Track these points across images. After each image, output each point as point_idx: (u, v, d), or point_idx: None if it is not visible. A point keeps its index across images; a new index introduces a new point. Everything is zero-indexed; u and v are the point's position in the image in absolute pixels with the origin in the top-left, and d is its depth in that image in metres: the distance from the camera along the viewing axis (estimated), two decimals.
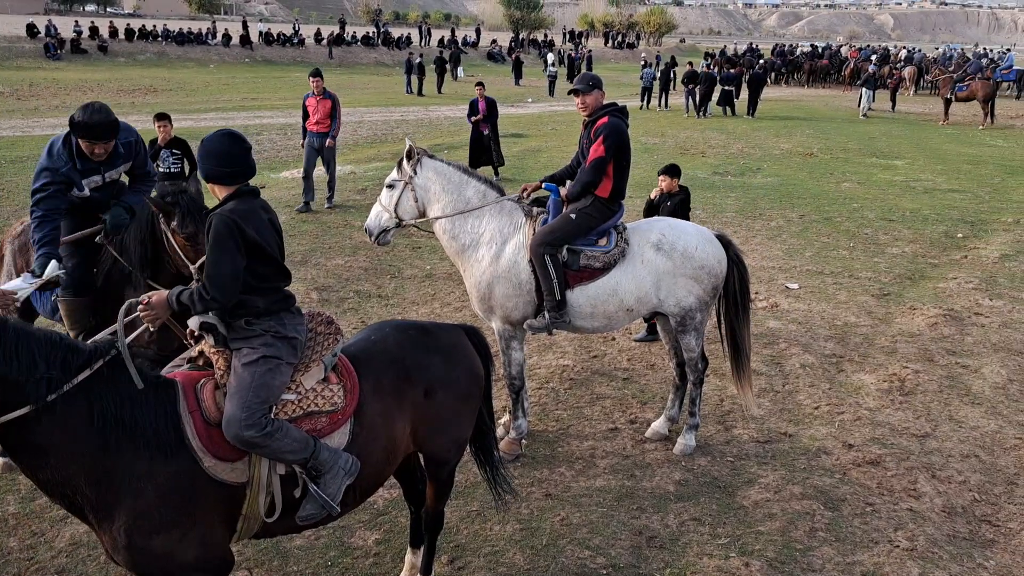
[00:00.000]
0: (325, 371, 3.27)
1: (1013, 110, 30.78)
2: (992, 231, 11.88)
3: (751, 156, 18.58)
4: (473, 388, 3.76)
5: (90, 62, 39.01)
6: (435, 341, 3.68)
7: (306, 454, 3.10)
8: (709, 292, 5.27)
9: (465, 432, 3.84)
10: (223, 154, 3.11)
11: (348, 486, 3.26)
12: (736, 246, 5.48)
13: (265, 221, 3.16)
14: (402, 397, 3.47)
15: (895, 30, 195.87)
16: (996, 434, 5.85)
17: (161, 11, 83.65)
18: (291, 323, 3.23)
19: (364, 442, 3.31)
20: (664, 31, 78.65)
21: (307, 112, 11.93)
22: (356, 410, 3.30)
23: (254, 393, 3.00)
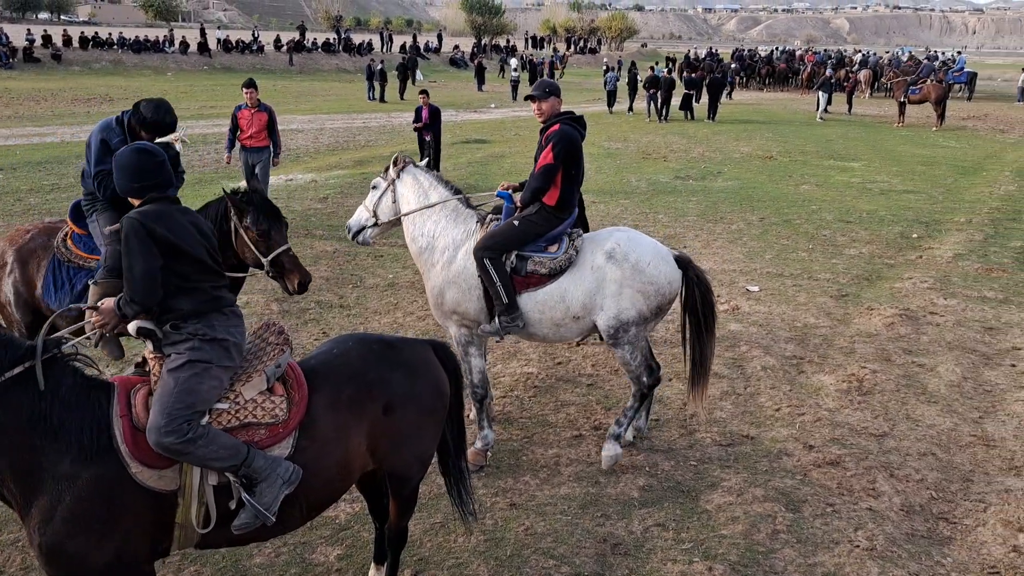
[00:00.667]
0: (268, 382, 3.24)
1: (965, 111, 31.51)
2: (946, 231, 12.14)
3: (712, 160, 18.78)
4: (437, 404, 3.70)
5: (43, 71, 38.23)
6: (399, 356, 3.61)
7: (236, 461, 3.04)
8: (652, 310, 5.14)
9: (428, 449, 3.78)
10: (134, 168, 3.18)
11: (295, 499, 3.22)
12: (697, 267, 5.34)
13: (183, 223, 3.17)
14: (360, 412, 3.41)
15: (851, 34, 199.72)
16: (952, 432, 5.96)
17: (117, 19, 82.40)
18: (222, 325, 3.19)
19: (314, 455, 3.26)
20: (625, 36, 79.35)
21: (237, 124, 11.08)
22: (304, 423, 3.26)
23: (176, 399, 2.96)
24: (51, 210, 12.11)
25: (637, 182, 15.69)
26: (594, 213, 12.71)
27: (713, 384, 6.68)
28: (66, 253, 5.16)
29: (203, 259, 3.20)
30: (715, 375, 6.82)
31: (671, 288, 5.17)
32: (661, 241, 5.50)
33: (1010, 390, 6.68)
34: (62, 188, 13.52)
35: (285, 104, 29.19)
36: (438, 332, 7.77)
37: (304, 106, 29.08)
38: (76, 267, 5.12)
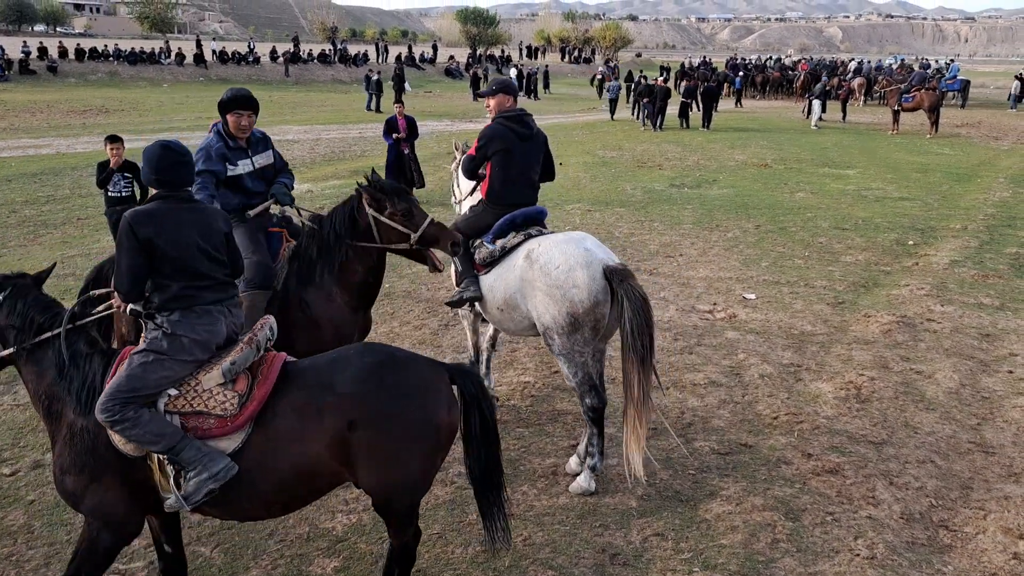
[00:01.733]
0: (224, 376, 3.40)
1: (958, 119, 31.64)
2: (942, 238, 12.16)
3: (707, 168, 18.81)
4: (426, 431, 3.47)
5: (39, 83, 38.25)
6: (394, 374, 3.45)
7: (162, 448, 3.28)
8: (564, 317, 4.90)
9: (411, 476, 3.53)
10: (153, 161, 3.51)
11: (244, 492, 3.38)
12: (632, 284, 4.84)
13: (177, 223, 3.43)
14: (322, 422, 3.36)
15: (844, 42, 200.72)
16: (951, 439, 5.95)
17: (113, 31, 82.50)
18: (187, 321, 3.42)
19: (264, 453, 3.36)
20: (620, 46, 79.57)
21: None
22: (260, 420, 3.38)
23: (123, 381, 3.29)
24: (46, 222, 12.09)
25: (632, 190, 15.70)
26: (590, 222, 12.73)
27: (711, 392, 6.67)
28: None
29: (182, 258, 3.42)
30: (712, 383, 6.82)
31: (582, 296, 4.85)
32: (657, 249, 5.46)
33: (1008, 396, 6.68)
34: (57, 200, 13.49)
35: (281, 115, 29.23)
36: (433, 341, 7.75)
37: (300, 117, 29.11)
38: None
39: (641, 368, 4.76)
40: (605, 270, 4.89)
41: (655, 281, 9.72)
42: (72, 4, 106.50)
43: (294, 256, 4.99)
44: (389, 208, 4.76)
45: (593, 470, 5.18)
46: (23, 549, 4.52)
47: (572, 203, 14.26)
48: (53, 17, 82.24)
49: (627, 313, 4.76)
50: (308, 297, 4.84)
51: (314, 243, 4.89)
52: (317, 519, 4.84)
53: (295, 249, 5.02)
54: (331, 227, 4.83)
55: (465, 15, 73.82)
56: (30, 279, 3.70)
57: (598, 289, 4.86)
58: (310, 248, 4.90)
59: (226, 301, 3.60)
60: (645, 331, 4.78)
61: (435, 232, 4.76)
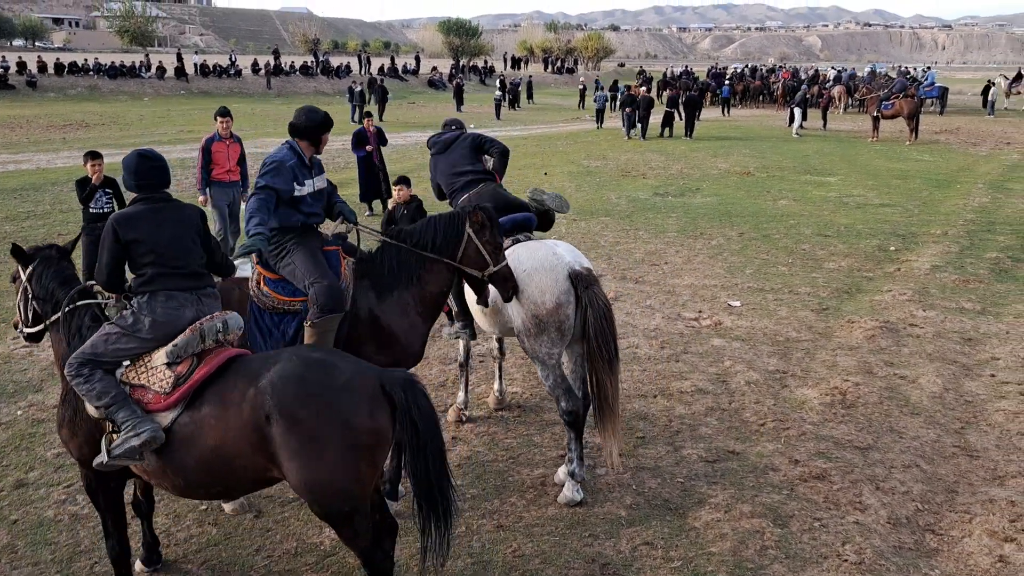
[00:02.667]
0: (167, 357, 3.71)
1: (937, 125, 31.99)
2: (922, 243, 12.27)
3: (690, 176, 18.92)
4: (339, 433, 3.45)
5: (18, 97, 37.96)
6: (316, 374, 3.52)
7: (102, 404, 3.67)
8: (531, 320, 5.03)
9: (330, 479, 3.48)
10: (132, 168, 3.92)
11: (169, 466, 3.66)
12: (596, 291, 4.99)
13: (159, 220, 3.84)
14: (242, 412, 3.51)
15: (823, 51, 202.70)
16: (935, 443, 5.99)
17: (92, 45, 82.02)
18: (151, 305, 3.79)
19: (190, 433, 3.61)
20: (602, 56, 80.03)
21: (210, 159, 9.98)
22: (191, 402, 3.65)
23: (88, 346, 3.76)
24: (27, 238, 11.97)
25: (617, 199, 15.76)
26: (575, 231, 12.76)
27: (698, 400, 6.69)
28: (265, 300, 4.78)
29: (159, 251, 3.81)
30: (699, 391, 6.84)
31: (545, 300, 4.97)
32: (642, 257, 5.49)
33: (990, 400, 6.74)
34: (38, 215, 13.38)
35: (264, 127, 29.13)
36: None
37: (282, 129, 28.85)
38: (281, 313, 4.78)
39: (609, 371, 4.95)
40: (570, 274, 5.01)
41: (641, 289, 9.75)
42: (51, 18, 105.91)
43: (364, 273, 4.90)
44: (488, 235, 4.79)
45: (573, 477, 5.17)
46: (7, 569, 4.46)
47: (557, 212, 14.26)
48: (32, 31, 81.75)
49: (590, 319, 4.93)
50: (382, 311, 4.80)
51: (393, 256, 4.86)
52: (305, 534, 4.81)
53: (362, 265, 4.93)
54: (426, 237, 4.82)
55: (447, 26, 74.10)
56: (55, 251, 4.17)
57: (560, 291, 4.97)
58: (386, 261, 4.86)
59: (197, 290, 3.93)
60: (608, 336, 4.96)
61: (507, 273, 4.83)
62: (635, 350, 7.81)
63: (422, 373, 7.20)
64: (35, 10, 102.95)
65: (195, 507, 5.04)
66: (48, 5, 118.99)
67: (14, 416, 6.33)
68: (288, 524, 4.92)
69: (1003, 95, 42.37)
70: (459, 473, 5.54)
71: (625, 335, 8.20)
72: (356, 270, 4.92)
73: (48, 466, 5.56)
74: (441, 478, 3.72)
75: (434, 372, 7.35)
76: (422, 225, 4.94)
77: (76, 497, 5.18)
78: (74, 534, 4.80)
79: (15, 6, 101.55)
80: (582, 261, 5.20)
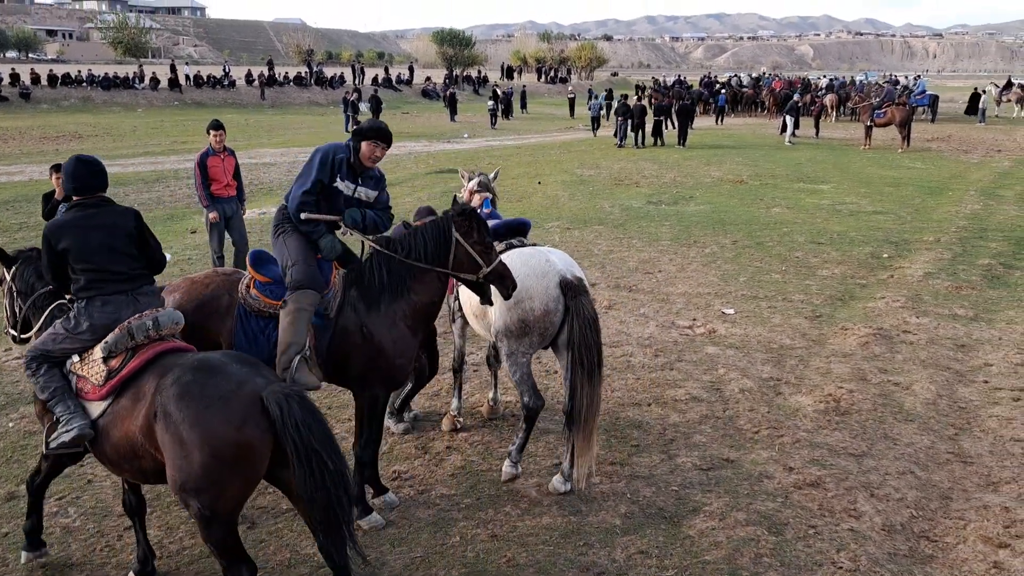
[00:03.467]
0: (102, 352, 3.94)
1: (929, 133, 32.17)
2: (915, 250, 12.32)
3: (684, 185, 18.97)
4: (203, 440, 3.49)
5: (11, 109, 37.91)
6: (198, 378, 3.63)
7: (45, 397, 3.99)
8: (516, 323, 5.14)
9: (194, 482, 3.52)
10: (70, 173, 4.13)
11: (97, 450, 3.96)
12: (585, 300, 5.08)
13: (90, 227, 4.02)
14: (143, 408, 3.74)
15: (815, 59, 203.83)
16: (929, 449, 5.99)
17: (86, 56, 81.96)
18: (88, 310, 4.03)
19: (111, 423, 3.89)
20: (595, 65, 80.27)
21: (207, 175, 9.58)
22: (116, 396, 3.89)
23: (39, 343, 4.11)
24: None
25: (611, 208, 15.79)
26: (569, 239, 12.78)
27: (692, 408, 6.69)
28: (253, 303, 4.84)
29: (90, 258, 4.01)
30: (693, 399, 6.84)
31: (533, 306, 5.08)
32: (636, 265, 5.50)
33: (984, 406, 6.75)
34: (30, 227, 13.33)
35: (257, 138, 29.18)
36: None
37: (276, 140, 29.06)
38: (267, 317, 4.82)
39: (589, 383, 5.02)
40: (561, 282, 5.09)
41: (634, 297, 9.75)
42: (45, 30, 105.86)
43: (352, 282, 4.89)
44: (475, 237, 4.78)
45: (510, 456, 5.52)
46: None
47: (551, 221, 14.31)
48: (25, 43, 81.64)
49: (576, 329, 5.02)
50: (370, 323, 4.78)
51: (382, 265, 4.84)
52: (298, 545, 4.79)
53: (353, 275, 4.92)
54: (416, 247, 4.82)
55: (441, 36, 74.22)
56: (36, 252, 4.44)
57: (550, 299, 5.09)
58: (375, 271, 4.84)
59: (133, 291, 4.12)
60: (593, 348, 5.04)
61: (503, 271, 4.80)
62: (629, 358, 7.81)
63: None
64: (29, 22, 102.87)
65: (186, 519, 5.01)
66: (42, 17, 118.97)
67: (5, 428, 6.29)
68: (282, 535, 4.90)
69: (993, 103, 42.69)
70: (453, 483, 5.53)
71: (619, 343, 8.20)
72: (346, 279, 4.91)
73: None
74: (336, 489, 3.70)
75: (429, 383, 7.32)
76: (409, 235, 4.91)
77: (68, 510, 5.15)
78: (65, 547, 4.77)
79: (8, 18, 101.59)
80: (574, 270, 5.24)
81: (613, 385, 7.18)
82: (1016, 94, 43.45)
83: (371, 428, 4.97)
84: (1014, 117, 41.38)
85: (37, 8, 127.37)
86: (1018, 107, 42.58)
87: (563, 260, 5.30)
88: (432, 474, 5.66)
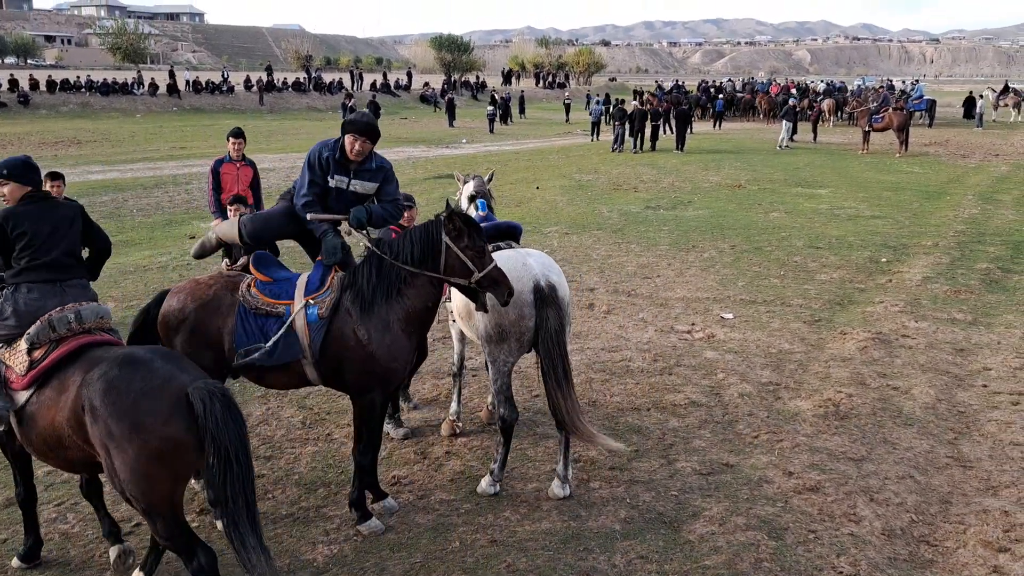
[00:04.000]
0: (26, 341, 4.05)
1: (926, 138, 32.23)
2: (914, 255, 12.33)
3: (682, 190, 18.99)
4: (128, 433, 3.57)
5: (9, 115, 37.90)
6: (124, 372, 3.72)
7: None
8: (494, 328, 5.21)
9: (128, 476, 3.61)
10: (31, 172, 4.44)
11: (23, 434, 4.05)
12: (551, 313, 5.09)
13: (39, 217, 4.25)
14: (69, 399, 3.83)
15: (812, 64, 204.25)
16: (929, 454, 5.99)
17: (84, 62, 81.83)
18: (15, 297, 4.18)
19: (35, 411, 3.98)
20: (593, 71, 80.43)
21: (219, 183, 9.22)
22: (39, 386, 3.98)
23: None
24: None
25: (609, 213, 15.81)
26: (567, 244, 12.79)
27: (691, 412, 6.69)
28: (251, 301, 4.90)
29: (31, 245, 4.19)
30: (692, 403, 6.84)
31: (508, 310, 5.08)
32: (634, 270, 5.51)
33: (983, 410, 6.75)
34: None
35: (256, 143, 29.16)
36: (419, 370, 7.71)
37: (275, 145, 29.08)
38: (264, 314, 4.87)
39: (559, 390, 5.05)
40: (535, 287, 5.13)
41: (633, 302, 9.76)
42: (43, 36, 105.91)
43: (347, 285, 4.91)
44: (466, 241, 4.76)
45: (491, 474, 5.47)
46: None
47: (550, 226, 14.32)
48: (24, 49, 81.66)
49: (544, 335, 5.10)
50: (364, 326, 4.79)
51: (373, 269, 4.86)
52: (298, 550, 4.78)
53: (348, 277, 4.94)
54: (406, 251, 4.83)
55: (439, 42, 74.32)
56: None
57: (523, 304, 5.11)
58: (368, 274, 4.85)
59: (62, 281, 4.26)
60: (557, 359, 5.07)
61: (497, 276, 4.78)
62: (628, 363, 7.81)
63: (415, 388, 7.19)
64: (27, 28, 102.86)
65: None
66: (41, 23, 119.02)
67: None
68: (281, 541, 4.88)
69: (991, 108, 42.78)
70: (452, 487, 5.52)
71: (618, 348, 8.20)
72: (343, 282, 4.94)
73: (38, 484, 5.49)
74: (235, 489, 3.72)
75: (427, 387, 7.33)
76: (399, 239, 4.94)
77: (67, 516, 5.14)
78: (64, 552, 4.76)
79: (7, 24, 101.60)
80: (550, 276, 5.24)
81: (612, 390, 7.19)
82: (1013, 99, 43.56)
83: (369, 433, 4.96)
84: (1011, 122, 41.48)
85: (36, 14, 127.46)
86: (1015, 112, 42.69)
87: (541, 264, 5.31)
88: (431, 479, 5.65)
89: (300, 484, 5.54)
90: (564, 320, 5.17)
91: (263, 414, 6.70)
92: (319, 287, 4.92)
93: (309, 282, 4.96)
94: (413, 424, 6.55)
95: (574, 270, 11.13)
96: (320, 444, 6.16)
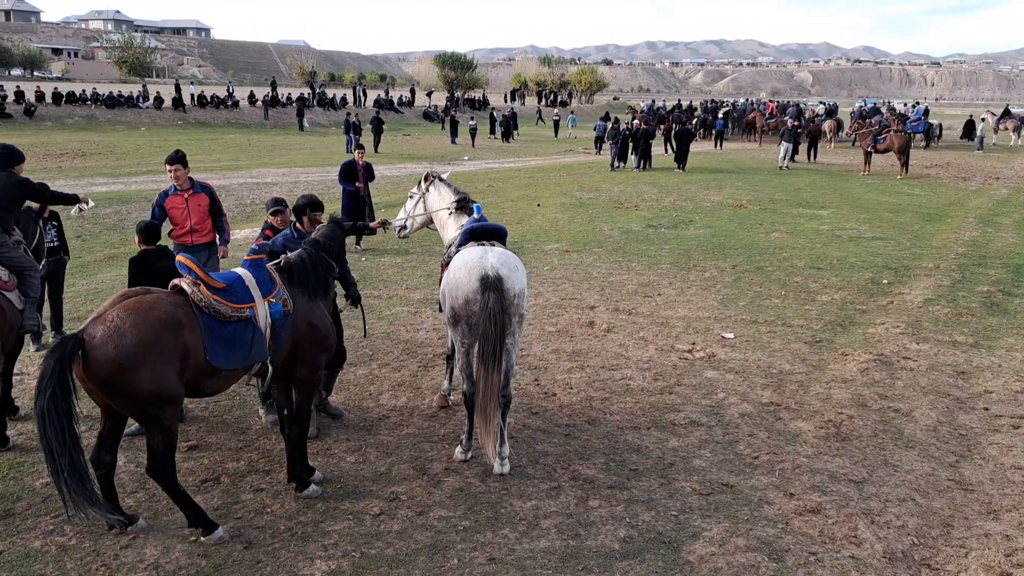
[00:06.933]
0: None
1: (927, 160, 32.33)
2: (915, 276, 12.34)
3: (683, 209, 19.02)
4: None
5: (15, 127, 38.06)
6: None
7: None
8: (448, 311, 5.94)
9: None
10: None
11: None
12: (491, 298, 5.58)
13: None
14: None
15: (814, 86, 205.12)
16: (930, 476, 5.97)
17: (91, 75, 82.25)
18: None
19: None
20: (595, 89, 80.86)
21: (165, 213, 7.94)
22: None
23: None
24: None
25: (610, 231, 15.83)
26: (568, 262, 12.79)
27: (691, 432, 6.67)
28: (223, 311, 4.97)
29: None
30: (693, 423, 6.82)
31: (455, 295, 5.78)
32: (635, 289, 5.52)
33: (984, 433, 6.73)
34: None
35: (260, 157, 29.29)
36: (413, 383, 7.70)
37: (279, 159, 29.17)
38: (236, 321, 5.04)
39: (485, 370, 5.60)
40: (482, 276, 5.63)
41: (634, 321, 9.75)
42: (50, 48, 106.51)
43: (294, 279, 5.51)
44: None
45: (461, 444, 6.17)
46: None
47: (550, 244, 14.34)
48: (31, 61, 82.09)
49: (480, 319, 5.61)
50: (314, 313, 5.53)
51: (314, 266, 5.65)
52: (295, 565, 4.75)
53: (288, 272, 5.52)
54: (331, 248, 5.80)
55: (443, 59, 74.83)
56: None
57: (470, 290, 5.68)
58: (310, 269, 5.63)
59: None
60: (490, 339, 5.56)
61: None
62: (628, 382, 7.80)
63: (415, 404, 7.18)
64: (35, 40, 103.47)
65: (184, 539, 4.97)
66: (48, 35, 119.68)
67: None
68: (278, 555, 4.86)
69: (991, 131, 42.94)
70: (451, 504, 5.50)
71: (618, 366, 8.19)
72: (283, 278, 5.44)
73: (36, 496, 5.49)
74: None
75: (427, 402, 7.31)
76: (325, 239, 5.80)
77: (64, 528, 5.11)
78: (61, 565, 4.73)
79: (15, 36, 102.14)
80: (500, 269, 5.72)
81: (612, 408, 7.17)
82: (1013, 123, 43.72)
83: (306, 409, 5.63)
84: (1011, 145, 41.61)
85: (43, 27, 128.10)
86: (1015, 135, 42.83)
87: (498, 259, 5.79)
88: (430, 495, 5.62)
89: (298, 498, 5.52)
90: (505, 306, 5.64)
91: (262, 427, 6.68)
92: (272, 286, 5.31)
93: (259, 282, 5.26)
94: (413, 438, 6.52)
95: (575, 288, 11.13)
96: (318, 459, 6.14)
